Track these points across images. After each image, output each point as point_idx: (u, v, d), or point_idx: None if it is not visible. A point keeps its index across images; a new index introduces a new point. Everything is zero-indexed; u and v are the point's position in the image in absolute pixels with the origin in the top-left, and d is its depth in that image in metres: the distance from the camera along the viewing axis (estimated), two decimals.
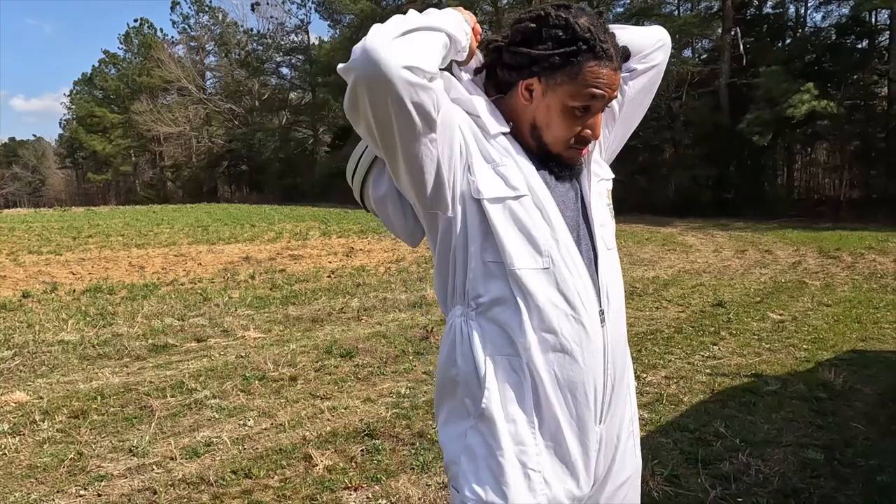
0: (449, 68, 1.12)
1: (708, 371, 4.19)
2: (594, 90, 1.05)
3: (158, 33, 49.35)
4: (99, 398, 3.83)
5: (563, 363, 1.05)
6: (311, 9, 43.59)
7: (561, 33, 1.04)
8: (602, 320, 1.09)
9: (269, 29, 41.04)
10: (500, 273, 1.05)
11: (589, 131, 1.10)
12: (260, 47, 41.34)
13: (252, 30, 42.19)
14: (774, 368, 4.23)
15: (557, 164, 1.12)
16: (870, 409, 3.47)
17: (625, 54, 1.13)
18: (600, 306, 1.09)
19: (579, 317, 1.06)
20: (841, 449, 2.96)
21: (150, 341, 5.20)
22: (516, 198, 1.05)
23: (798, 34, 22.47)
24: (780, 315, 5.90)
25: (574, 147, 1.11)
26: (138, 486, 2.74)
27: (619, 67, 1.09)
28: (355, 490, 2.66)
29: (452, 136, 1.03)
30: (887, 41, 19.03)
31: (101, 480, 2.80)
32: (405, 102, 0.92)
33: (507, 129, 1.11)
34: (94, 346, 5.04)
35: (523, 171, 1.08)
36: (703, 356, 4.57)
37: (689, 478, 2.69)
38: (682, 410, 3.49)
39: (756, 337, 5.11)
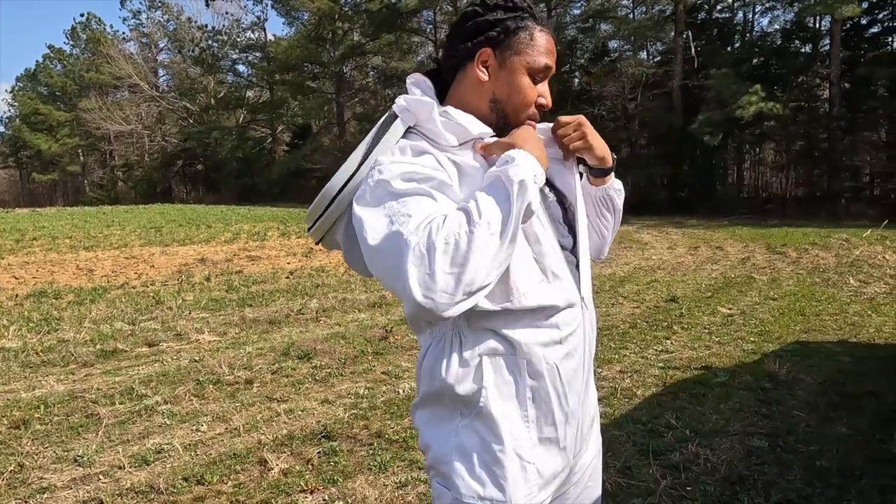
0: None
1: (661, 365, 4.30)
2: (546, 56, 1.12)
3: (108, 29, 47.64)
4: (42, 407, 3.67)
5: (560, 356, 1.08)
6: (267, 5, 42.87)
7: (504, 3, 1.12)
8: (584, 306, 1.13)
9: (224, 25, 39.93)
10: (498, 291, 1.04)
11: (543, 99, 1.14)
12: (215, 44, 40.19)
13: (207, 26, 40.99)
14: (723, 361, 4.37)
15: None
16: (811, 397, 3.63)
17: None
18: (580, 293, 1.12)
19: (569, 307, 1.09)
20: (784, 436, 3.09)
21: (98, 347, 5.01)
22: None
23: (746, 38, 23.31)
24: (730, 309, 6.11)
25: (530, 118, 1.15)
26: (83, 497, 2.65)
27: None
28: (311, 493, 2.63)
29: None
30: (828, 46, 19.91)
31: (44, 492, 2.69)
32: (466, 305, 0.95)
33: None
34: (37, 353, 4.83)
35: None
36: (656, 350, 4.69)
37: (640, 469, 2.76)
38: (636, 403, 3.57)
39: (706, 331, 5.27)
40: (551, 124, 1.20)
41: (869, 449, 2.92)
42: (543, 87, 1.14)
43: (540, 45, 1.11)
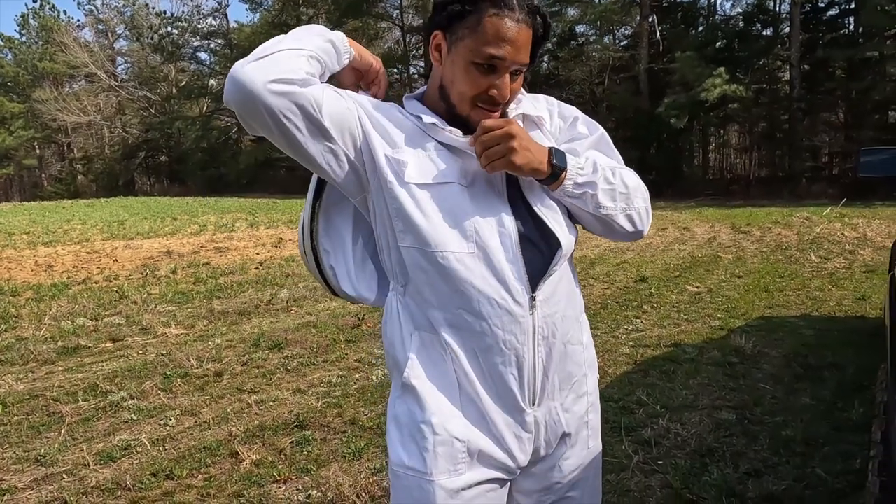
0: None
1: (631, 343, 4.36)
2: (494, 46, 1.00)
3: (62, 15, 45.76)
4: (0, 407, 3.54)
5: (480, 344, 1.05)
6: None
7: None
8: (532, 306, 1.05)
9: (184, 12, 38.84)
10: (422, 256, 1.04)
11: (496, 91, 1.03)
12: (175, 31, 39.02)
13: (165, 12, 39.74)
14: (692, 337, 4.45)
15: (468, 129, 1.06)
16: (776, 370, 3.73)
17: (542, 18, 1.06)
18: (532, 292, 1.05)
19: (501, 301, 1.04)
20: (751, 408, 3.16)
21: (59, 344, 4.85)
22: (445, 184, 1.04)
23: (710, 21, 23.62)
24: (697, 287, 6.22)
25: (480, 108, 1.06)
26: (46, 498, 2.56)
27: (528, 24, 1.03)
28: (284, 483, 2.59)
29: (352, 128, 1.05)
30: (788, 29, 20.32)
31: (4, 494, 2.59)
32: (281, 111, 0.97)
33: (433, 119, 1.07)
34: None
35: (456, 155, 1.06)
36: (626, 329, 4.75)
37: (613, 445, 2.79)
38: (608, 382, 3.61)
39: (675, 309, 5.36)
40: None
41: (832, 418, 3.01)
42: (500, 78, 1.02)
43: (488, 34, 0.99)
